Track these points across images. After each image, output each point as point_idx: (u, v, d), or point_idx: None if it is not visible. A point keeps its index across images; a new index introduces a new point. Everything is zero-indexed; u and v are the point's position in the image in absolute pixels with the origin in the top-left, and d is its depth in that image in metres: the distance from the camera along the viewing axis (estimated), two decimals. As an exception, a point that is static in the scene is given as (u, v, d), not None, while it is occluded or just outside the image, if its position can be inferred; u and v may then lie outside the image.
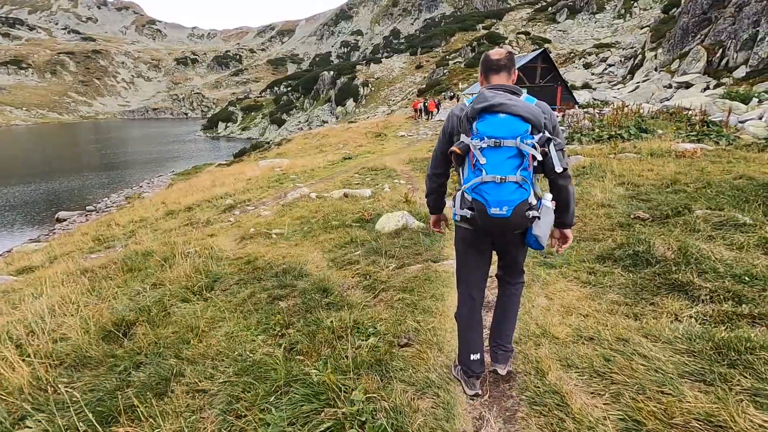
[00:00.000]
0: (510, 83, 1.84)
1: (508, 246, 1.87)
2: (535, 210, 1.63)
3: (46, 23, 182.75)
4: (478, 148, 1.60)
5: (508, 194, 1.57)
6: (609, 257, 2.91)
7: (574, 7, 72.01)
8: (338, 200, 7.49)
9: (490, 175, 1.58)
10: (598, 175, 5.55)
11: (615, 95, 30.87)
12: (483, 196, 1.59)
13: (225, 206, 9.78)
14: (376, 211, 5.24)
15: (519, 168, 1.59)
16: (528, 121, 1.61)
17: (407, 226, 4.12)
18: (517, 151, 1.59)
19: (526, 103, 1.66)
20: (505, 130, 1.60)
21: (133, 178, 33.34)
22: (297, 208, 7.28)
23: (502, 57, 1.85)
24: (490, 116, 1.62)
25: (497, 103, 1.61)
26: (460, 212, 1.70)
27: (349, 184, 10.47)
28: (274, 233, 5.31)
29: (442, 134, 1.91)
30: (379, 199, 6.55)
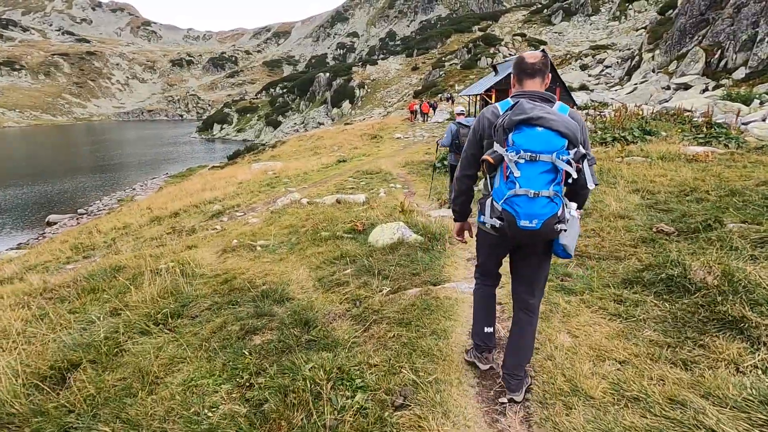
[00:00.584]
0: (543, 88, 1.81)
1: (532, 255, 1.85)
2: (563, 222, 1.62)
3: (40, 24, 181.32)
4: (513, 161, 1.58)
5: (540, 208, 1.57)
6: (637, 281, 2.50)
7: (569, 10, 72.25)
8: (330, 207, 7.07)
9: (523, 188, 1.57)
10: (609, 181, 5.15)
11: (613, 97, 30.66)
12: (514, 209, 1.59)
13: (213, 212, 9.32)
14: (369, 221, 4.82)
15: (552, 183, 1.58)
16: (565, 136, 1.58)
17: (403, 240, 3.71)
18: (552, 165, 1.56)
19: (564, 117, 1.62)
20: (542, 145, 1.57)
21: (127, 181, 32.98)
22: (286, 216, 6.84)
23: (538, 61, 1.81)
24: (527, 129, 1.59)
25: (536, 116, 1.58)
26: (489, 221, 1.71)
27: (342, 189, 10.04)
28: (259, 245, 4.87)
29: (472, 135, 1.88)
30: (373, 206, 6.13)
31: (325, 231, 4.91)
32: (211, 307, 2.93)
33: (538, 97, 1.75)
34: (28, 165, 42.29)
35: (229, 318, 2.65)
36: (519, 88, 1.84)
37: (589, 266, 2.88)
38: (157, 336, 2.52)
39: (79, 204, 24.58)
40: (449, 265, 3.31)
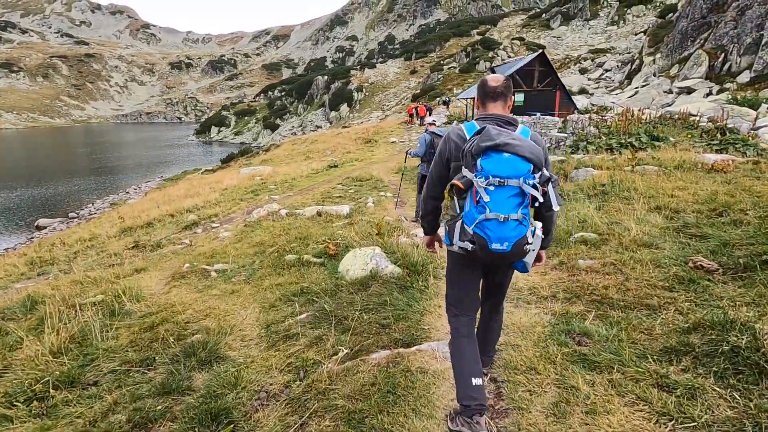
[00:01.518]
0: (506, 112, 1.86)
1: (498, 271, 1.93)
2: (530, 243, 1.68)
3: (39, 27, 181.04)
4: (482, 186, 1.63)
5: (510, 231, 1.62)
6: (684, 350, 1.78)
7: (567, 14, 72.15)
8: (309, 220, 6.36)
9: (493, 212, 1.62)
10: (622, 195, 4.46)
11: (613, 101, 30.08)
12: (486, 232, 1.64)
13: (187, 223, 8.61)
14: (345, 242, 4.11)
15: (520, 206, 1.64)
16: (530, 161, 1.64)
17: (377, 273, 3.00)
18: (519, 189, 1.62)
19: (529, 142, 1.68)
20: (509, 170, 1.62)
21: (122, 184, 32.51)
22: (260, 230, 6.14)
23: (500, 84, 1.86)
24: (495, 155, 1.64)
25: (503, 143, 1.63)
26: (460, 244, 1.74)
27: (329, 197, 9.34)
28: (215, 270, 4.15)
29: (438, 157, 1.91)
30: (354, 221, 5.43)
31: (293, 253, 4.20)
32: (115, 372, 2.22)
33: (502, 120, 1.78)
34: (24, 167, 41.86)
35: (127, 396, 1.94)
36: (483, 110, 1.87)
37: (613, 320, 2.17)
38: (18, 425, 1.80)
39: (73, 207, 24.20)
40: (431, 310, 2.60)
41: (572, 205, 4.48)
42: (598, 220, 3.57)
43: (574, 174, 6.86)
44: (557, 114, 17.15)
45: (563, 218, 3.85)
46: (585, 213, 3.85)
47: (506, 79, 1.88)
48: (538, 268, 2.98)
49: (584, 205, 4.19)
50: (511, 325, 2.29)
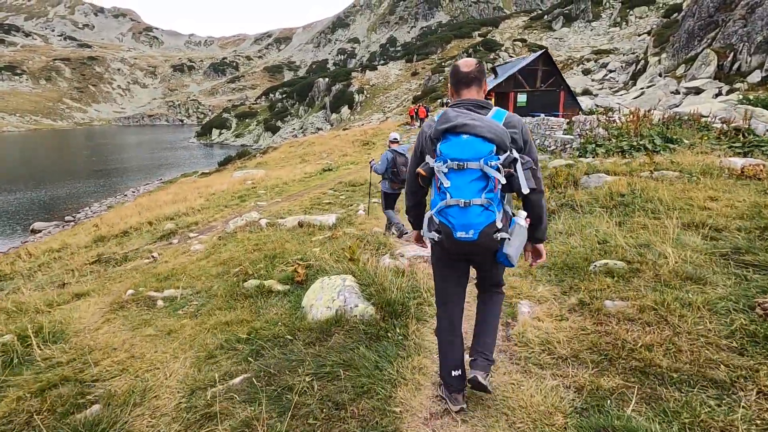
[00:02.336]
0: (480, 96, 1.77)
1: (483, 263, 1.81)
2: (504, 231, 1.58)
3: (42, 30, 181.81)
4: (442, 171, 1.56)
5: (474, 218, 1.53)
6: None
7: (569, 15, 71.66)
8: (288, 232, 5.70)
9: (454, 198, 1.54)
10: (647, 207, 3.77)
11: (618, 101, 29.36)
12: (449, 220, 1.57)
13: (164, 232, 7.96)
14: (318, 265, 3.44)
15: (484, 190, 1.55)
16: (492, 141, 1.55)
17: (344, 315, 2.30)
18: (482, 173, 1.54)
19: (491, 122, 1.59)
20: (468, 152, 1.55)
21: (121, 186, 32.41)
22: (233, 244, 5.48)
23: (472, 69, 1.77)
24: (453, 137, 1.58)
25: (460, 124, 1.57)
26: (429, 235, 1.68)
27: (317, 204, 8.69)
28: (164, 298, 3.49)
29: (414, 151, 1.86)
30: (336, 235, 4.76)
31: (257, 277, 3.54)
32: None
33: (472, 105, 1.70)
34: (24, 170, 41.74)
35: None
36: (456, 97, 1.79)
37: (668, 407, 1.48)
38: None
39: (70, 210, 23.96)
40: (407, 378, 1.89)
41: (587, 219, 3.80)
42: (623, 240, 2.89)
43: (585, 180, 6.16)
44: (561, 115, 16.47)
45: (579, 237, 3.19)
46: (605, 231, 3.18)
47: (478, 63, 1.78)
48: (551, 310, 2.31)
49: (602, 221, 3.51)
50: (519, 409, 1.62)
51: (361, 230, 5.84)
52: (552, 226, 3.76)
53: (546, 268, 2.82)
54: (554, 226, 3.70)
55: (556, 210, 4.51)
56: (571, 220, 3.90)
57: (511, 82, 18.82)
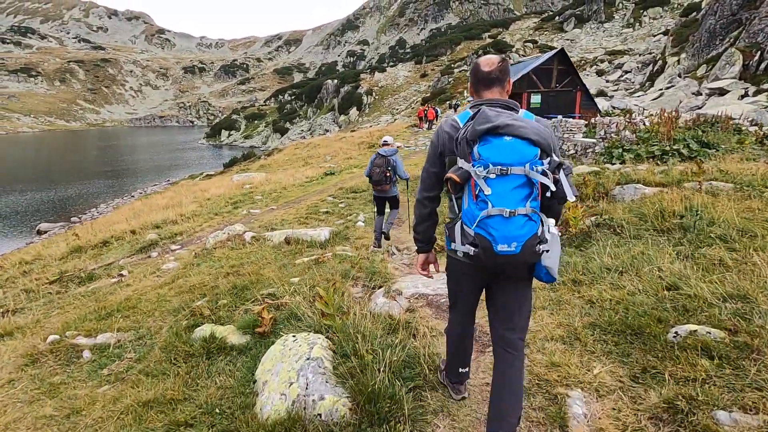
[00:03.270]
0: (504, 97, 1.61)
1: (510, 284, 1.58)
2: (545, 243, 1.41)
3: (57, 32, 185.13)
4: (482, 177, 1.37)
5: (517, 229, 1.36)
6: None
7: (581, 17, 70.52)
8: (272, 250, 4.95)
9: (496, 207, 1.36)
10: (714, 233, 2.91)
11: (636, 103, 28.24)
12: (489, 232, 1.37)
13: (145, 243, 7.27)
14: (290, 305, 2.66)
15: (528, 198, 1.38)
16: (537, 144, 1.38)
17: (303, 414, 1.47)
18: (526, 179, 1.38)
19: (534, 124, 1.44)
20: (512, 156, 1.37)
21: (130, 187, 32.47)
22: (207, 264, 4.75)
23: (494, 68, 1.59)
24: (494, 139, 1.39)
25: (503, 124, 1.38)
26: (462, 248, 1.47)
27: (314, 213, 7.92)
28: (92, 347, 2.73)
29: (431, 151, 1.67)
30: (324, 259, 3.99)
31: (213, 319, 2.76)
32: None
33: (499, 104, 1.53)
34: (36, 170, 42.14)
35: None
36: (477, 97, 1.63)
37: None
38: None
39: (79, 210, 23.98)
40: None
41: (637, 247, 2.96)
42: (706, 289, 2.05)
43: (618, 192, 5.30)
44: (578, 117, 15.52)
45: (635, 278, 2.36)
46: (671, 269, 2.35)
47: (501, 60, 1.60)
48: (621, 414, 1.49)
49: (660, 252, 2.68)
50: None
51: (356, 248, 5.06)
52: (592, 256, 2.93)
53: (599, 328, 2.00)
54: (595, 257, 2.87)
55: (591, 231, 3.67)
56: (616, 247, 3.06)
57: (524, 82, 17.90)
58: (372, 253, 4.67)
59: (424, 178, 1.68)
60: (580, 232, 3.68)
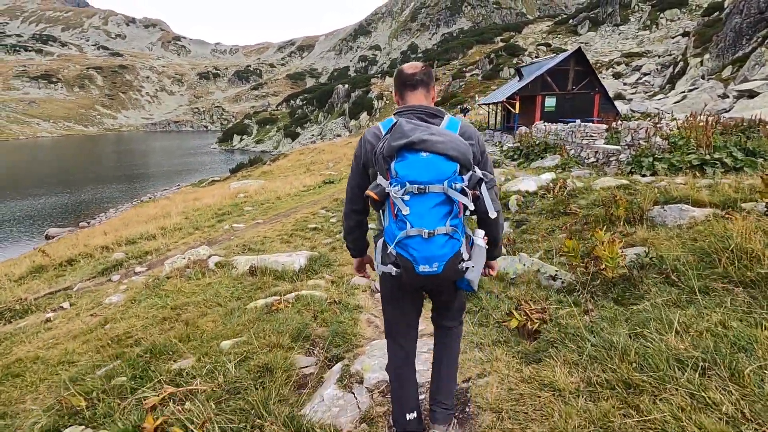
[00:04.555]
0: (429, 102, 1.60)
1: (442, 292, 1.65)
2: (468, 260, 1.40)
3: (77, 40, 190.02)
4: (399, 196, 1.32)
5: (438, 249, 1.32)
6: None
7: (596, 19, 69.15)
8: (230, 284, 4.10)
9: (415, 228, 1.31)
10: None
11: (657, 106, 26.85)
12: (410, 252, 1.33)
13: (109, 264, 6.50)
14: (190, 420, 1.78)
15: (449, 216, 1.34)
16: (455, 159, 1.34)
17: None
18: (446, 197, 1.33)
19: (452, 137, 1.38)
20: (429, 173, 1.32)
21: (141, 192, 32.72)
22: (149, 303, 3.92)
23: (418, 71, 1.60)
24: (411, 155, 1.33)
25: (418, 140, 1.32)
26: (384, 268, 1.44)
27: (301, 230, 7.06)
28: None
29: (354, 163, 1.60)
30: (281, 306, 3.10)
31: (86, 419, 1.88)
32: None
33: (422, 112, 1.51)
34: (52, 175, 42.71)
35: None
36: (402, 103, 1.60)
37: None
38: None
39: (89, 215, 23.99)
40: None
41: (711, 309, 2.00)
42: None
43: (657, 214, 4.30)
44: (596, 121, 14.41)
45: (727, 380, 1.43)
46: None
47: (425, 65, 1.62)
48: None
49: (761, 333, 1.72)
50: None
51: (334, 281, 4.17)
52: (645, 327, 1.97)
53: None
54: (652, 331, 1.92)
55: (633, 275, 2.71)
56: (677, 308, 2.11)
57: (538, 84, 16.86)
58: (350, 290, 3.77)
59: (348, 191, 1.64)
60: (619, 278, 2.72)
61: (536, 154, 11.21)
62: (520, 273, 3.10)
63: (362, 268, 1.83)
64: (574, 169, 9.11)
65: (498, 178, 8.79)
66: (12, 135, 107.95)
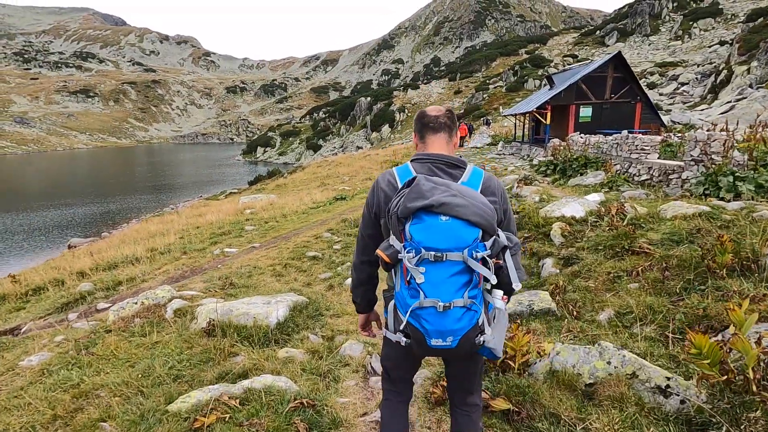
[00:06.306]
0: (451, 148, 1.49)
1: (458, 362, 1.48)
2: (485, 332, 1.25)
3: (114, 56, 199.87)
4: (412, 264, 1.18)
5: (453, 323, 1.19)
6: None
7: (624, 30, 67.01)
8: (178, 347, 3.01)
9: (429, 299, 1.18)
10: None
11: (700, 117, 24.77)
12: (422, 324, 1.21)
13: (72, 296, 5.56)
14: None
15: (467, 287, 1.20)
16: (478, 225, 1.22)
17: None
18: (465, 265, 1.20)
19: (475, 197, 1.25)
20: (448, 241, 1.19)
21: (166, 202, 33.03)
22: (57, 379, 2.87)
23: (442, 114, 1.50)
24: (429, 218, 1.21)
25: (437, 203, 1.20)
26: (393, 337, 1.32)
27: (298, 258, 5.98)
28: None
29: (366, 210, 1.49)
30: (211, 421, 1.93)
31: None
32: None
33: (443, 162, 1.39)
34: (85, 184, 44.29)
35: None
36: (422, 147, 1.50)
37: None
38: None
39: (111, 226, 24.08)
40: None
41: None
42: None
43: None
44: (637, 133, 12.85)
45: None
46: None
47: (449, 109, 1.51)
48: None
49: None
50: None
51: (316, 351, 3.01)
52: None
53: None
54: None
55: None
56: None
57: (571, 92, 15.45)
58: (336, 367, 2.60)
59: (360, 239, 1.53)
60: None
61: (575, 170, 9.83)
62: (602, 377, 1.86)
63: (368, 326, 1.72)
64: (624, 188, 7.72)
65: (532, 198, 7.46)
66: (51, 146, 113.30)
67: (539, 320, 3.28)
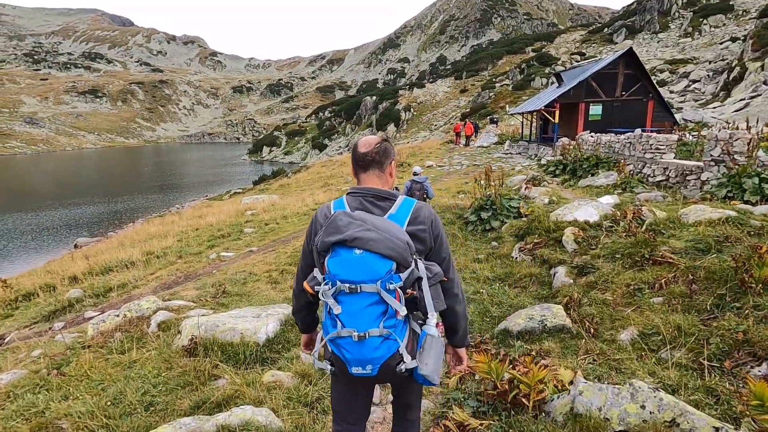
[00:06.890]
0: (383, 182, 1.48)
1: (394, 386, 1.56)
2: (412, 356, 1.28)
3: (122, 57, 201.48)
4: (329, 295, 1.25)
5: (371, 351, 1.24)
6: None
7: (633, 27, 65.98)
8: (157, 367, 2.74)
9: (346, 329, 1.24)
10: None
11: (714, 115, 24.16)
12: (342, 353, 1.27)
13: (60, 304, 5.34)
14: None
15: (383, 317, 1.24)
16: (390, 258, 1.25)
17: None
18: (379, 296, 1.24)
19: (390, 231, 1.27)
20: (362, 273, 1.24)
21: (172, 202, 33.20)
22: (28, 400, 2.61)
23: (371, 149, 1.46)
24: (344, 252, 1.27)
25: (350, 238, 1.26)
26: (319, 364, 1.38)
27: (295, 264, 5.70)
28: None
29: (306, 242, 1.52)
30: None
31: None
32: None
33: (373, 195, 1.43)
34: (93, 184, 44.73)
35: None
36: (357, 180, 1.53)
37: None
38: None
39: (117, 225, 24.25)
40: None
41: None
42: None
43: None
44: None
45: None
46: None
47: (381, 141, 1.47)
48: None
49: None
50: None
51: (306, 375, 2.73)
52: None
53: None
54: None
55: None
56: None
57: (581, 90, 15.03)
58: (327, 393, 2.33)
59: (299, 270, 1.55)
60: None
61: (585, 170, 9.46)
62: (635, 424, 1.55)
63: (310, 345, 1.73)
64: (638, 189, 7.35)
65: (540, 200, 7.13)
66: (60, 146, 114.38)
67: (553, 339, 2.98)
